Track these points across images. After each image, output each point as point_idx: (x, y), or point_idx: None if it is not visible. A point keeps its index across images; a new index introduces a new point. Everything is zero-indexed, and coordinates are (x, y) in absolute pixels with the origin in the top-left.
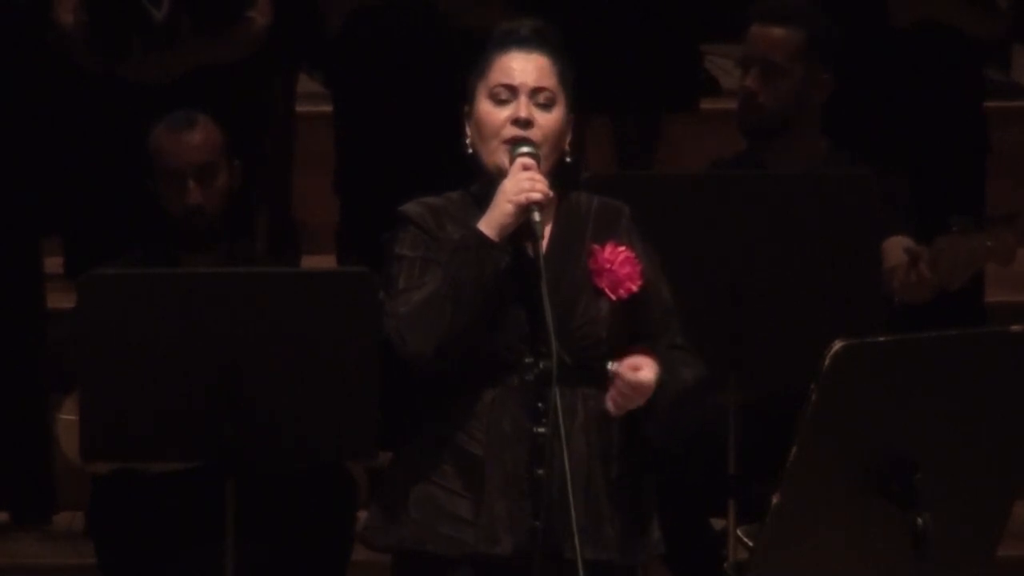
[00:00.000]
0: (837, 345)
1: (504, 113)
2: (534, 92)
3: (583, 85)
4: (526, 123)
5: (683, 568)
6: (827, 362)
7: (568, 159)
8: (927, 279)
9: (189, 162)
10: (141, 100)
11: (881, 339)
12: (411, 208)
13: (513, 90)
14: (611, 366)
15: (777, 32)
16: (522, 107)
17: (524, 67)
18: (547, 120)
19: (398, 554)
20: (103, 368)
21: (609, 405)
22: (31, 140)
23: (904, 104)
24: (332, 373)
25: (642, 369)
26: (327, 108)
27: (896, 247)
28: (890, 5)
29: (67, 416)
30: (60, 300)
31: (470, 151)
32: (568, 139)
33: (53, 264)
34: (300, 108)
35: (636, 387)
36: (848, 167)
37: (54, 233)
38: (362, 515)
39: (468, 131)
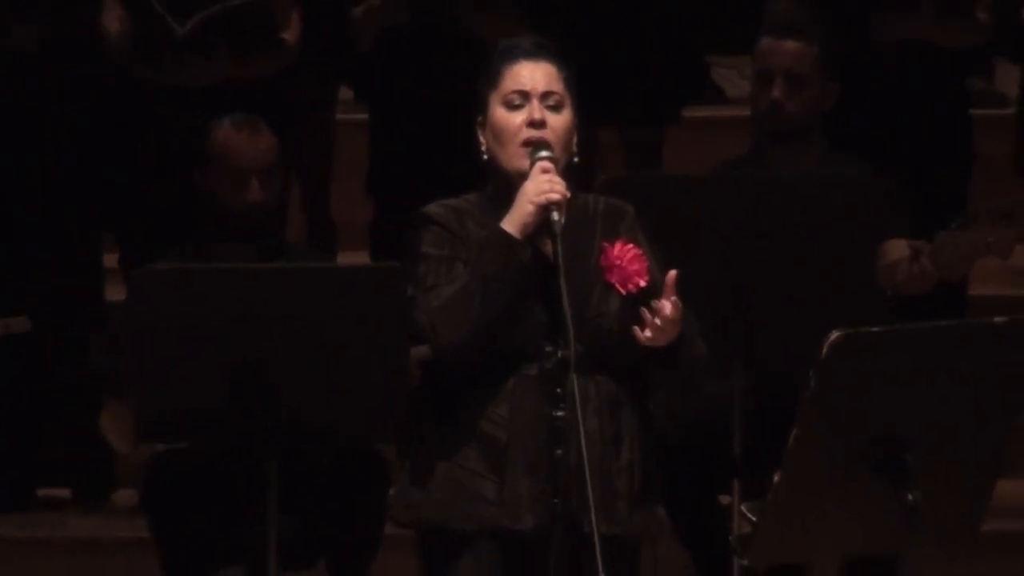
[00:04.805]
0: (835, 335)
1: (519, 117)
2: (544, 96)
3: (591, 98)
4: (540, 124)
5: (693, 542)
6: (825, 351)
7: (576, 159)
8: (929, 273)
9: (254, 162)
10: (187, 104)
11: (875, 330)
12: (433, 209)
13: (525, 95)
14: (652, 309)
15: (797, 45)
16: (535, 110)
17: (533, 74)
18: (558, 121)
19: (423, 530)
20: (153, 356)
21: (644, 336)
22: (89, 145)
23: (892, 111)
24: (364, 361)
25: (662, 309)
26: (363, 116)
27: (892, 244)
28: (872, 23)
29: (111, 414)
30: (116, 293)
31: (486, 157)
32: (575, 140)
33: (110, 259)
34: (339, 115)
35: (669, 322)
36: (849, 169)
37: (111, 230)
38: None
39: (483, 139)
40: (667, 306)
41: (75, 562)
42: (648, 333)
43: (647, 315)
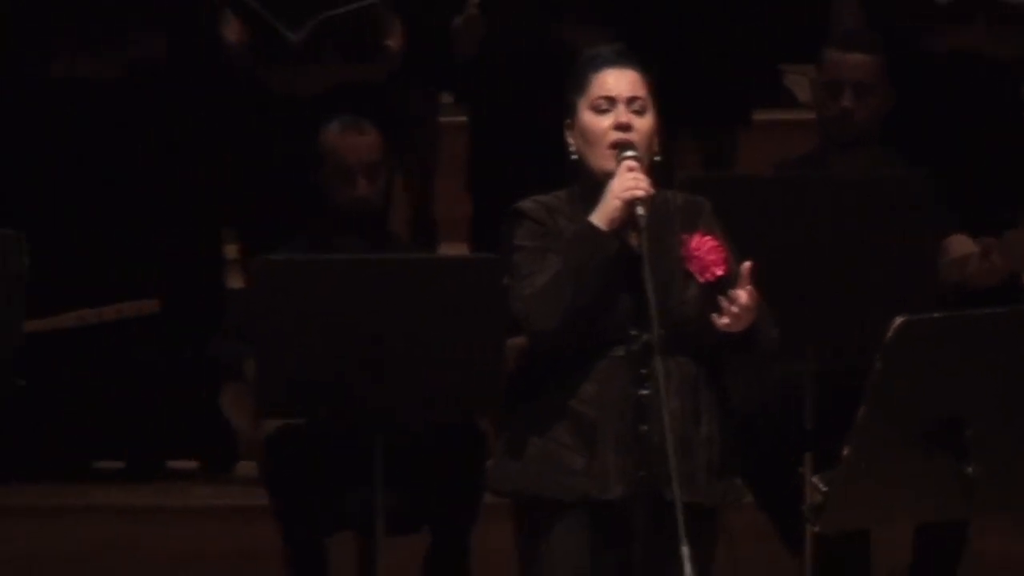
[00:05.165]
0: (899, 321)
1: (606, 121)
2: (630, 101)
3: (671, 103)
4: (626, 127)
5: (773, 509)
6: (890, 335)
7: (657, 158)
8: (999, 267)
9: (360, 161)
10: (302, 108)
11: (936, 316)
12: (526, 205)
13: (612, 101)
14: (728, 297)
15: (863, 57)
16: (622, 114)
17: (619, 81)
18: (642, 124)
19: (519, 499)
20: (270, 339)
21: (723, 322)
22: (212, 146)
23: (948, 118)
24: (464, 344)
25: (738, 297)
26: (463, 119)
27: (957, 241)
28: (928, 34)
29: (230, 395)
30: (236, 281)
31: (575, 157)
32: (657, 141)
33: (230, 250)
34: (441, 118)
35: (745, 309)
36: (903, 170)
37: (232, 224)
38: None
39: (572, 141)
40: (742, 295)
41: (201, 529)
42: (725, 320)
43: (724, 303)
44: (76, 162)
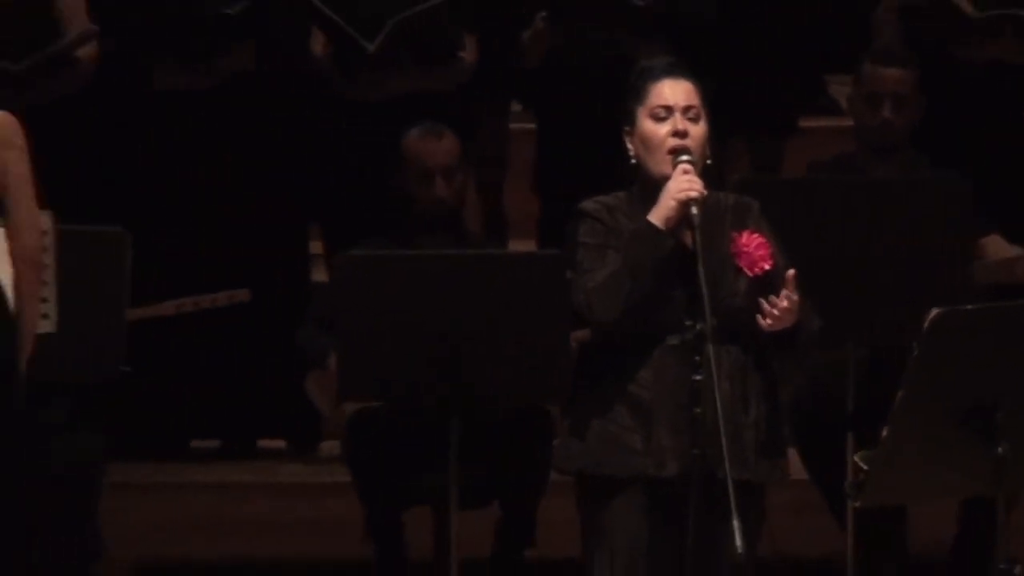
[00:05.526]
0: (935, 312)
1: (664, 129)
2: (685, 109)
3: (722, 110)
4: (683, 134)
5: (824, 484)
6: (927, 325)
7: (709, 162)
8: None
9: (438, 164)
10: (383, 114)
11: (969, 307)
12: (589, 205)
13: (669, 109)
14: (768, 302)
15: (901, 71)
16: (678, 122)
17: (675, 91)
18: (697, 130)
19: (581, 475)
20: (354, 329)
21: (766, 323)
22: (299, 149)
23: (978, 125)
24: (532, 333)
25: (781, 300)
26: (531, 125)
27: (994, 242)
28: (960, 45)
29: (315, 380)
30: (320, 275)
31: (633, 161)
32: (709, 146)
33: (315, 246)
34: (511, 125)
35: (786, 312)
36: (934, 173)
37: (317, 222)
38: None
39: (631, 146)
40: (784, 300)
41: (288, 503)
42: (768, 321)
43: (766, 306)
44: (176, 166)
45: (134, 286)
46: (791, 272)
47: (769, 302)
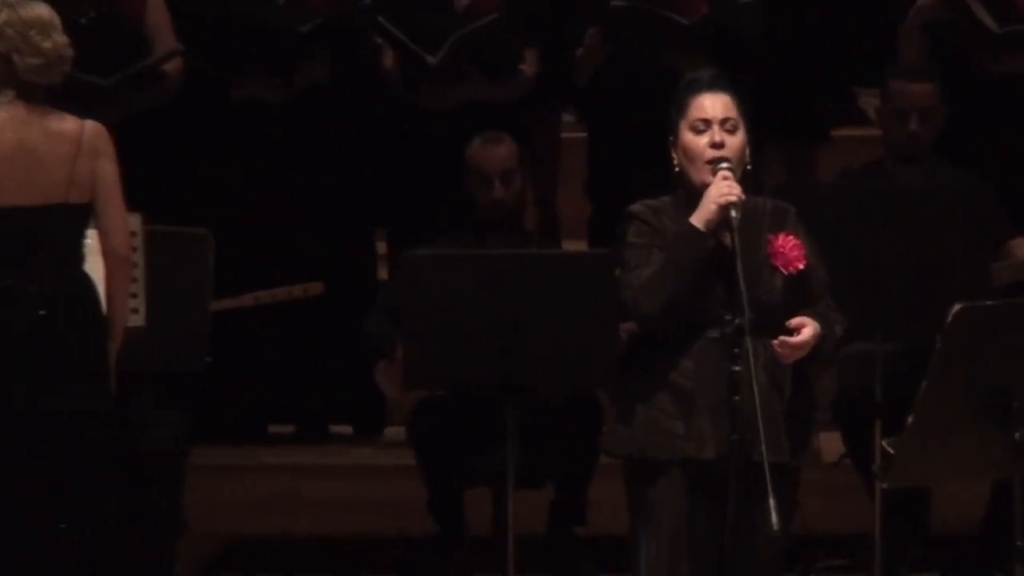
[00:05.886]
0: (957, 308)
1: (703, 140)
2: (723, 122)
3: (760, 120)
4: (720, 145)
5: (863, 467)
6: (950, 320)
7: (749, 167)
8: None
9: (497, 168)
10: (448, 123)
11: (989, 303)
12: (637, 208)
13: (708, 122)
14: (778, 340)
15: (926, 86)
16: (716, 134)
17: (714, 104)
18: (734, 141)
19: (628, 458)
20: (418, 323)
21: (782, 358)
22: (369, 156)
23: (1000, 133)
24: (583, 326)
25: (804, 328)
26: (583, 135)
27: (1021, 245)
28: (984, 59)
29: (384, 368)
30: (384, 272)
31: (677, 169)
32: (748, 153)
33: (381, 246)
34: (564, 134)
35: (797, 346)
36: (957, 178)
37: (384, 224)
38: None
39: (675, 155)
40: (791, 341)
41: (356, 484)
42: (780, 350)
43: (777, 343)
44: (254, 171)
45: (217, 281)
46: (795, 322)
47: (779, 343)
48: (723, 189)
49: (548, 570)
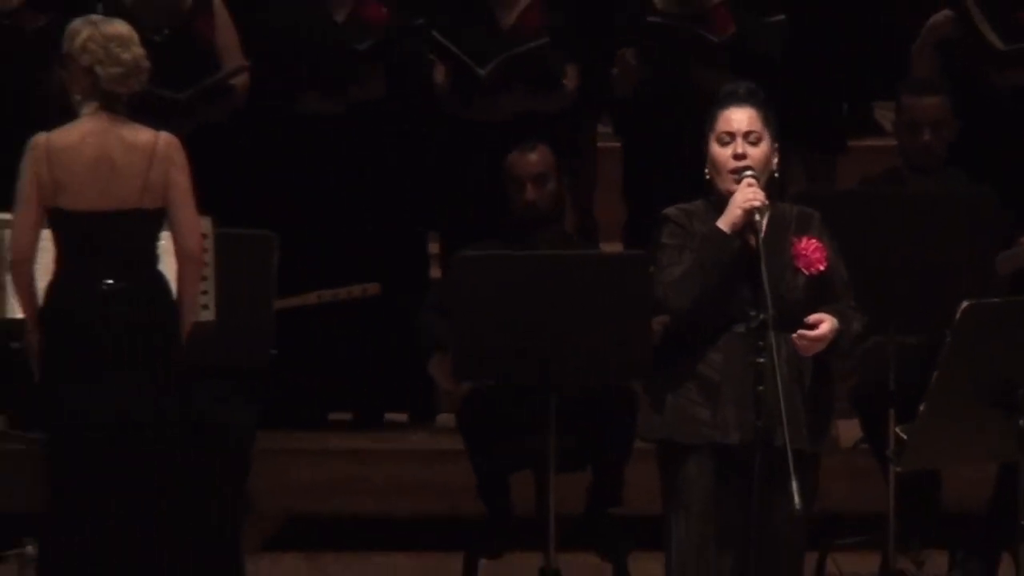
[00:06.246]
0: (965, 304)
1: (728, 151)
2: (746, 134)
3: (783, 131)
4: (742, 157)
5: (878, 450)
6: (959, 316)
7: (776, 175)
8: None
9: (528, 172)
10: (494, 133)
11: (995, 300)
12: (672, 211)
13: (732, 135)
14: (797, 333)
15: (936, 99)
16: (738, 146)
17: (739, 117)
18: (756, 152)
19: (659, 443)
20: (467, 318)
21: (801, 350)
22: (422, 164)
23: (1008, 143)
24: (619, 322)
25: (821, 324)
26: (618, 144)
27: None
28: (992, 74)
29: (436, 361)
30: (435, 271)
31: (708, 177)
32: (775, 162)
33: (433, 247)
34: (601, 144)
35: (815, 340)
36: (968, 186)
37: (436, 227)
38: None
39: (707, 165)
40: (809, 335)
41: (410, 467)
42: (801, 351)
43: (797, 335)
44: (316, 178)
45: (281, 280)
46: (813, 317)
47: (798, 335)
48: (748, 195)
49: (587, 547)
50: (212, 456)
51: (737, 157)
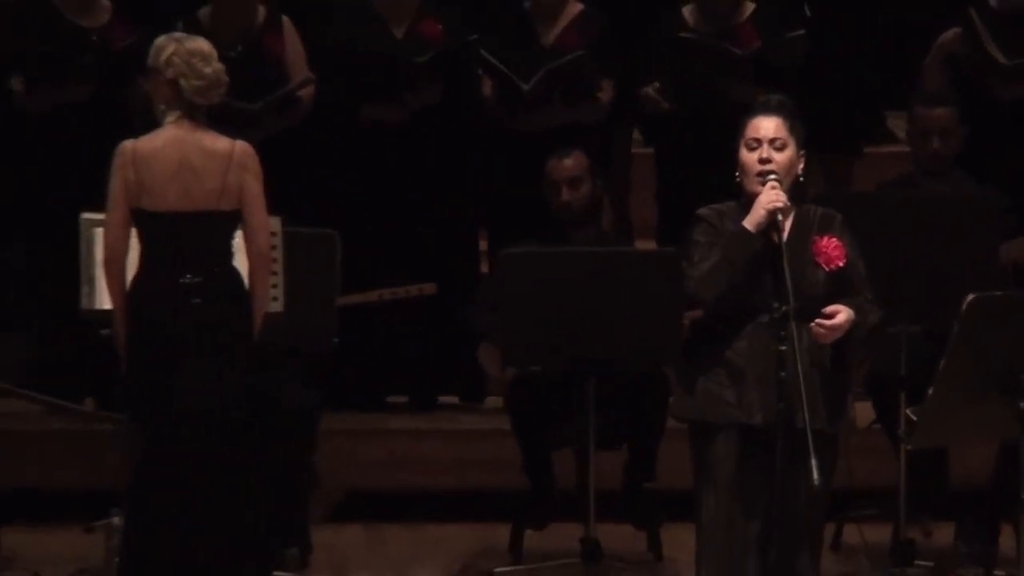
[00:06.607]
0: (971, 297)
1: (755, 156)
2: (772, 141)
3: (810, 140)
4: (767, 161)
5: (889, 430)
6: (965, 307)
7: (801, 179)
8: None
9: (563, 176)
10: (537, 141)
11: (999, 293)
12: (704, 211)
13: (759, 141)
14: (815, 321)
15: (945, 111)
16: (764, 151)
17: (766, 125)
18: (780, 157)
19: (691, 423)
20: (513, 309)
21: (818, 338)
22: (471, 169)
23: (1012, 151)
24: (652, 312)
25: (838, 314)
26: (650, 151)
27: None
28: (991, 87)
29: (485, 349)
30: (484, 266)
31: (738, 179)
32: (800, 167)
33: (482, 244)
34: (635, 150)
35: (832, 328)
36: (981, 189)
37: (485, 226)
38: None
39: (737, 168)
40: (827, 324)
41: (461, 445)
42: (820, 338)
43: (816, 324)
44: (377, 181)
45: (344, 276)
46: (830, 308)
47: (815, 324)
48: (771, 196)
49: (623, 519)
50: (281, 435)
51: (763, 161)
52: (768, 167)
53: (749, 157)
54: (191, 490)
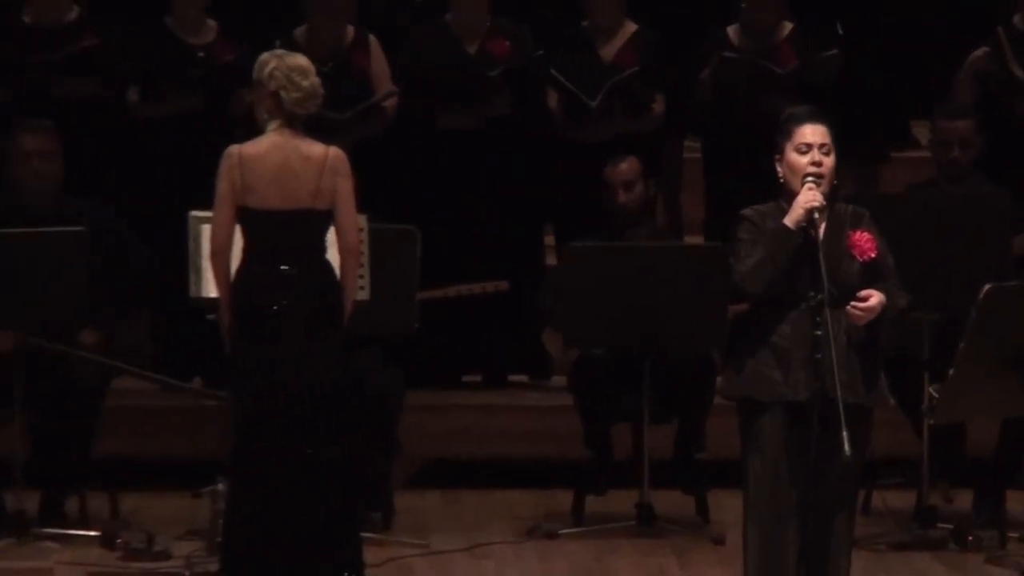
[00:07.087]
0: (988, 287)
1: (804, 159)
2: (821, 146)
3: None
4: (818, 164)
5: (909, 410)
6: (982, 296)
7: (836, 183)
8: None
9: (619, 179)
10: (598, 149)
11: (1014, 283)
12: (748, 212)
13: (809, 146)
14: (850, 304)
15: (965, 123)
16: (815, 155)
17: (815, 132)
18: (828, 162)
19: (740, 399)
20: (576, 297)
21: (854, 319)
22: (537, 174)
23: None
24: (701, 301)
25: (871, 298)
26: (698, 155)
27: None
28: (1013, 102)
29: (549, 333)
30: (551, 259)
31: (781, 180)
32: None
33: (549, 239)
34: (686, 155)
35: (867, 310)
36: (993, 191)
37: (551, 222)
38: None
39: (780, 170)
40: (862, 305)
41: (529, 419)
42: (855, 313)
43: (850, 306)
44: (454, 184)
45: (425, 269)
46: (863, 292)
47: (851, 307)
48: (808, 196)
49: (674, 486)
50: (368, 411)
51: (814, 164)
52: (820, 170)
53: (800, 160)
54: (288, 460)
